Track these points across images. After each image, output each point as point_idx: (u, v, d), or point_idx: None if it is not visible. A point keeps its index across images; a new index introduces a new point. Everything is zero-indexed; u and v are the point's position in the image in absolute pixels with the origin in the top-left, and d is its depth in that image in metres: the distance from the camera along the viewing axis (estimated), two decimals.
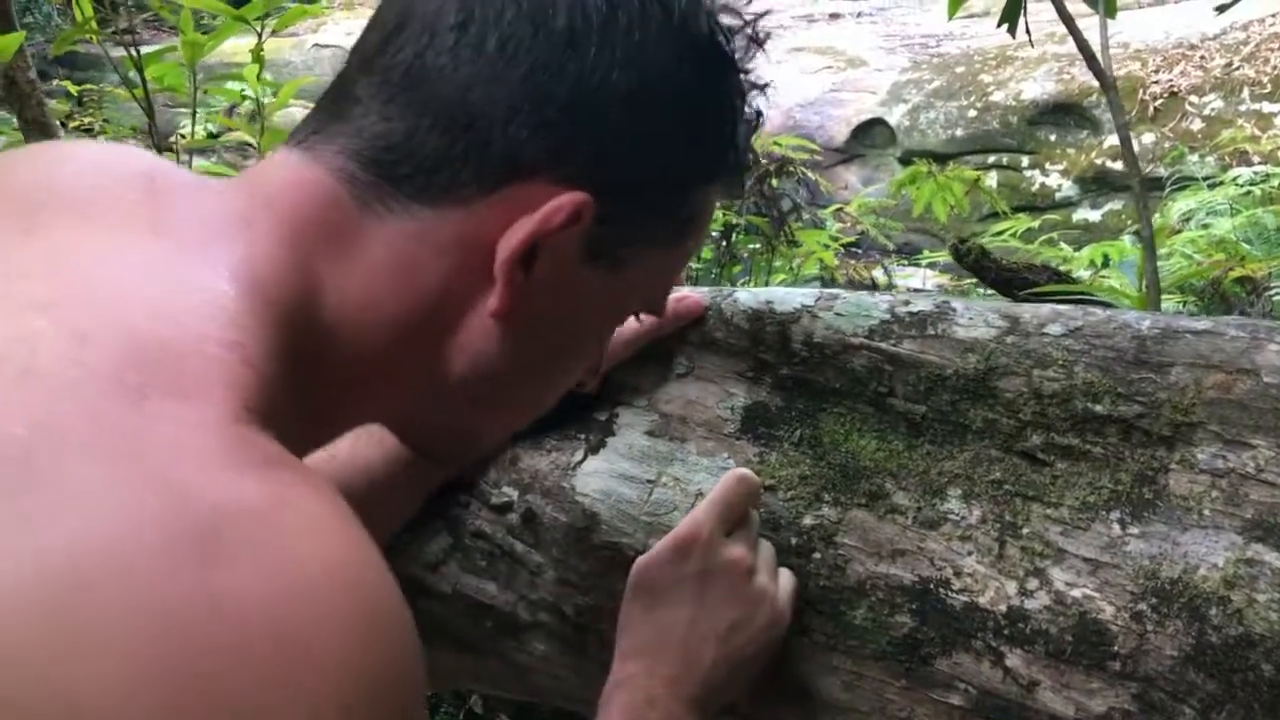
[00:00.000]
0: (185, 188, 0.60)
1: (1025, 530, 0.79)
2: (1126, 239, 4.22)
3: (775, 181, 3.05)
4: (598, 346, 0.76)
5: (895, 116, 7.42)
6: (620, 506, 0.88)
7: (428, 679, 0.56)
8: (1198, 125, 6.37)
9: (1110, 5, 1.60)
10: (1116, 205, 6.38)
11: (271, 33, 1.49)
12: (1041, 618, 0.76)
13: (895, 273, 4.51)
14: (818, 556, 0.84)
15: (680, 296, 0.92)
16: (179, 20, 1.45)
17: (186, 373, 0.48)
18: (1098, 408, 0.80)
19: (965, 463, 0.83)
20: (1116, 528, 0.77)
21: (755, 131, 0.72)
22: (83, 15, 1.46)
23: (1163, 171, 5.66)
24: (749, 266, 3.20)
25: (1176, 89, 6.54)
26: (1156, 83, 6.59)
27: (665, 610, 0.79)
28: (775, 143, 3.17)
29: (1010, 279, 1.91)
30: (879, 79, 7.82)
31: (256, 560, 0.42)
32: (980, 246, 1.99)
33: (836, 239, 3.36)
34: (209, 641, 0.40)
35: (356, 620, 0.44)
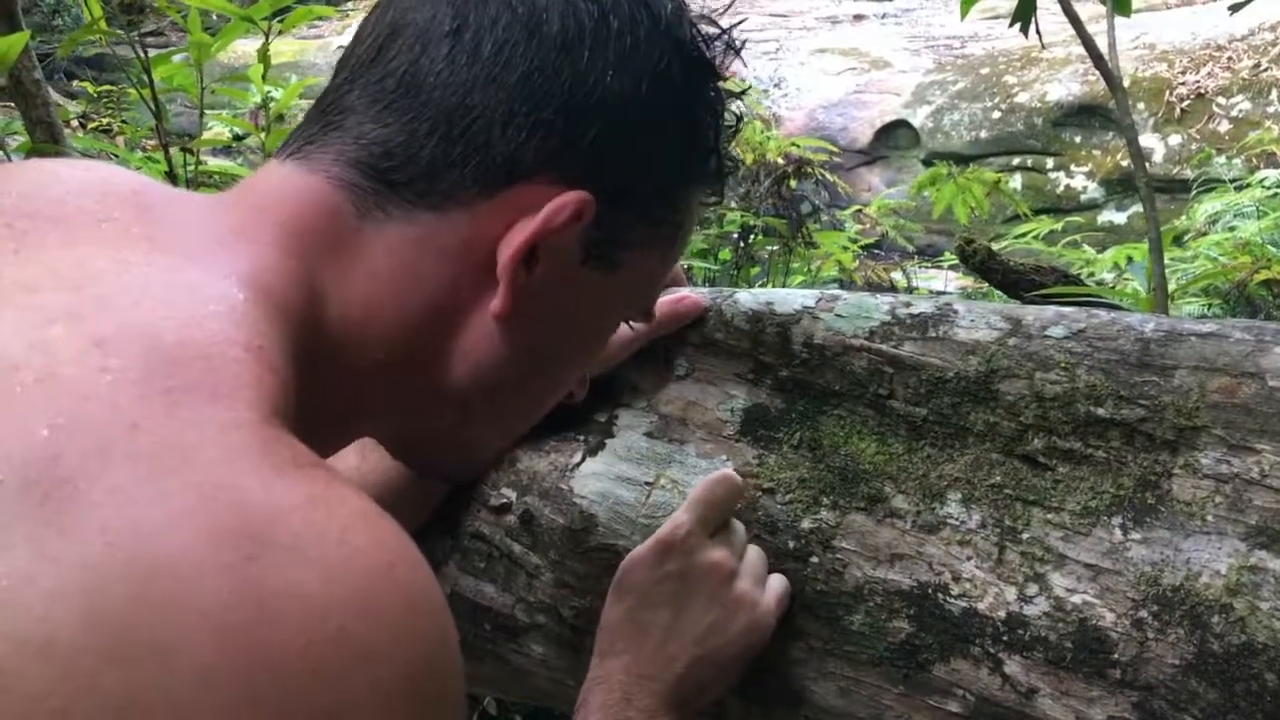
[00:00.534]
0: (177, 204, 0.61)
1: (1025, 535, 0.78)
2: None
3: (794, 183, 3.04)
4: (591, 354, 0.76)
5: (919, 118, 7.38)
6: (618, 509, 0.88)
7: None
8: (1225, 127, 6.31)
9: (1122, 4, 1.58)
10: (1142, 208, 6.33)
11: (279, 33, 1.50)
12: (1041, 624, 0.75)
13: (917, 274, 4.49)
14: (815, 560, 0.83)
15: (679, 297, 0.91)
16: (187, 21, 1.46)
17: (214, 375, 0.48)
18: (1100, 411, 0.79)
19: (965, 466, 0.82)
20: (1118, 533, 0.76)
21: (735, 136, 0.73)
22: (92, 17, 1.47)
23: (1189, 173, 5.61)
24: (767, 268, 3.19)
25: (1203, 90, 6.48)
26: (1183, 84, 6.54)
27: (644, 610, 0.79)
28: (793, 144, 3.16)
29: (1017, 280, 1.89)
30: (903, 80, 7.78)
31: (308, 560, 0.43)
32: (986, 247, 1.96)
33: (855, 241, 3.34)
34: (267, 645, 0.40)
35: (410, 616, 0.45)
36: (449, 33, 0.62)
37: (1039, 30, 1.59)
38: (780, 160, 3.00)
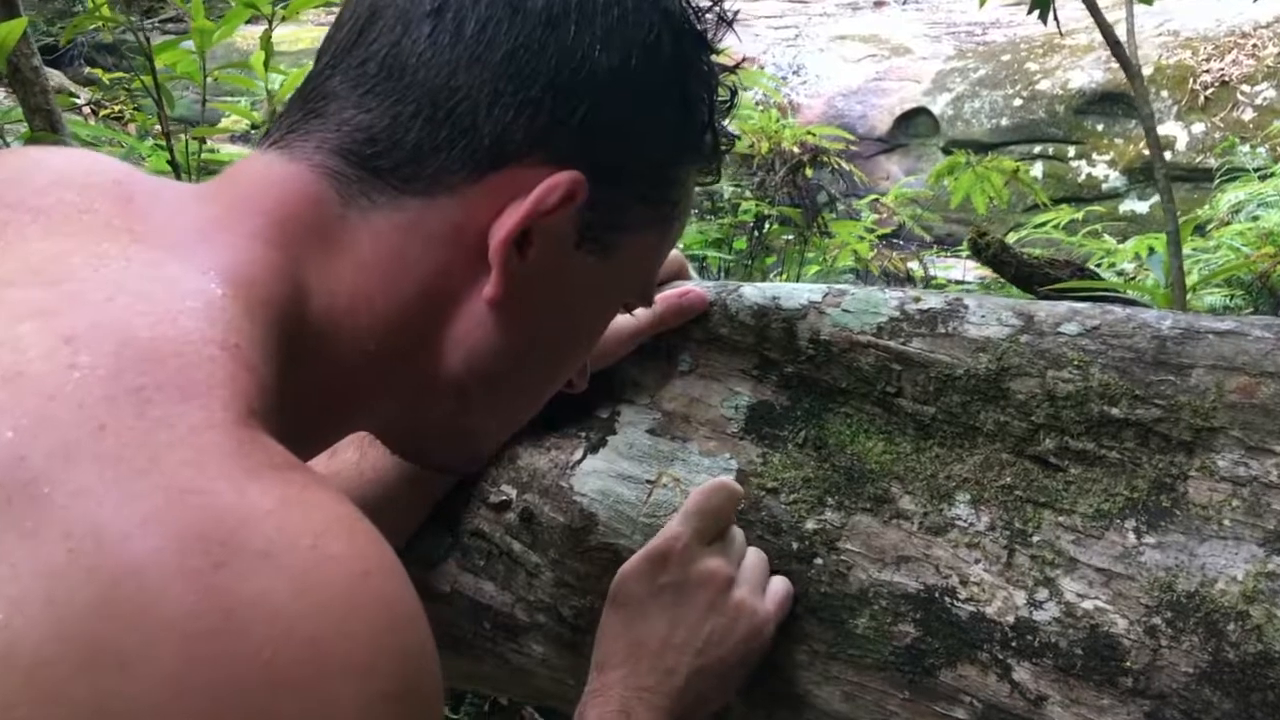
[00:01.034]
0: (159, 194, 0.59)
1: (1036, 538, 0.76)
2: None
3: (809, 172, 3.01)
4: (590, 341, 0.74)
5: (939, 106, 7.32)
6: (618, 507, 0.86)
7: None
8: (1249, 115, 6.23)
9: None
10: None
11: (283, 19, 1.49)
12: (1051, 630, 0.73)
13: (935, 264, 4.45)
14: (819, 562, 0.81)
15: (683, 291, 0.89)
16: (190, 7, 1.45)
17: (187, 374, 0.46)
18: (1114, 411, 0.76)
19: (975, 466, 0.80)
20: (1131, 537, 0.74)
21: (730, 113, 0.71)
22: (94, 3, 1.46)
23: (1213, 162, 5.55)
24: (782, 258, 3.16)
25: (1228, 78, 6.40)
26: (1207, 71, 6.46)
27: (641, 621, 0.77)
28: (809, 132, 3.13)
29: (1031, 274, 1.85)
30: (923, 67, 7.72)
31: (279, 568, 0.41)
32: (1000, 240, 1.93)
33: (872, 230, 3.31)
34: (233, 656, 0.39)
35: (384, 627, 0.44)
36: (430, 12, 0.61)
37: (1057, 18, 1.56)
38: (796, 149, 2.97)
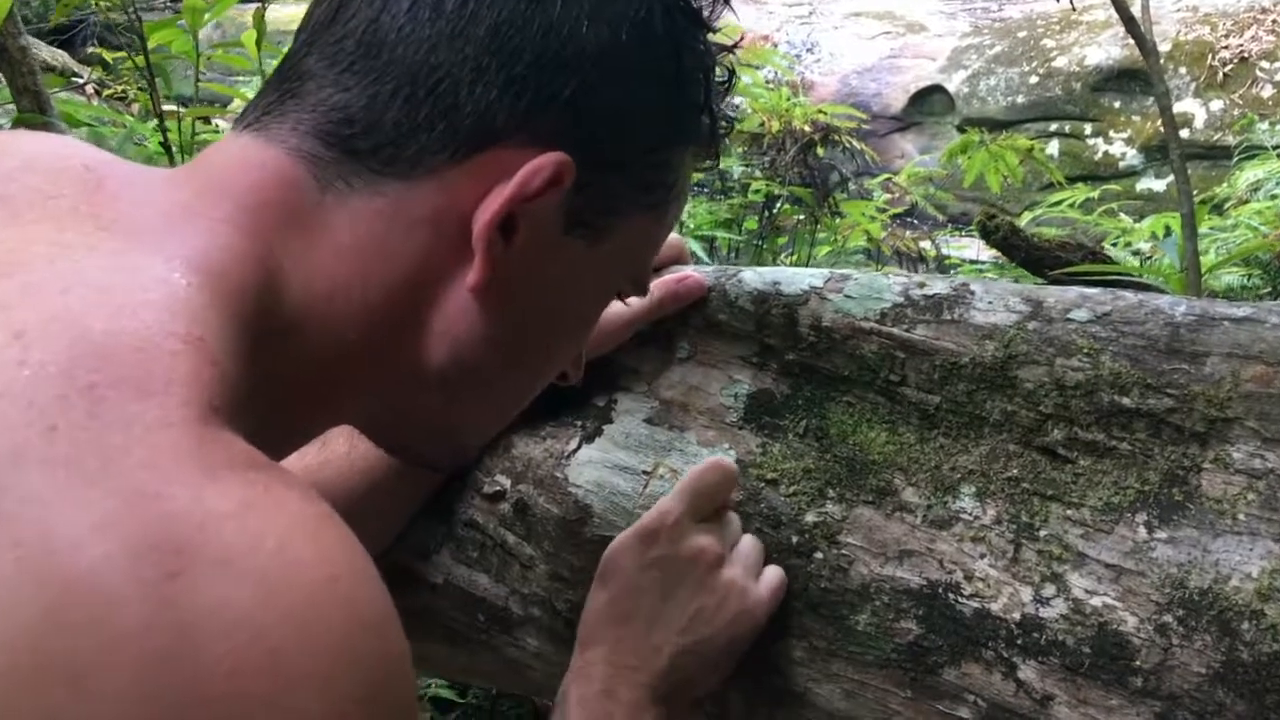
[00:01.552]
0: (128, 179, 0.57)
1: (1043, 532, 0.74)
2: None
3: (821, 151, 2.97)
4: (582, 331, 0.72)
5: (954, 83, 7.25)
6: (614, 499, 0.84)
7: (416, 670, 0.54)
8: (1268, 92, 6.15)
9: None
10: None
11: None
12: (1058, 627, 0.71)
13: (949, 244, 4.40)
14: (819, 556, 0.78)
15: (681, 276, 0.87)
16: None
17: (144, 369, 0.44)
18: (1125, 400, 0.74)
19: (980, 458, 0.77)
20: (1142, 531, 0.71)
21: (728, 93, 0.69)
22: None
23: (1231, 139, 5.48)
24: (793, 238, 3.13)
25: (1247, 54, 6.31)
26: (1226, 48, 6.37)
27: (627, 598, 0.75)
28: (820, 111, 3.09)
29: (1041, 258, 1.81)
30: (938, 44, 7.64)
31: (239, 574, 0.39)
32: (1009, 223, 1.89)
33: (884, 210, 3.27)
34: (191, 671, 0.38)
35: (355, 635, 0.42)
36: None
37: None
38: (807, 128, 2.94)
